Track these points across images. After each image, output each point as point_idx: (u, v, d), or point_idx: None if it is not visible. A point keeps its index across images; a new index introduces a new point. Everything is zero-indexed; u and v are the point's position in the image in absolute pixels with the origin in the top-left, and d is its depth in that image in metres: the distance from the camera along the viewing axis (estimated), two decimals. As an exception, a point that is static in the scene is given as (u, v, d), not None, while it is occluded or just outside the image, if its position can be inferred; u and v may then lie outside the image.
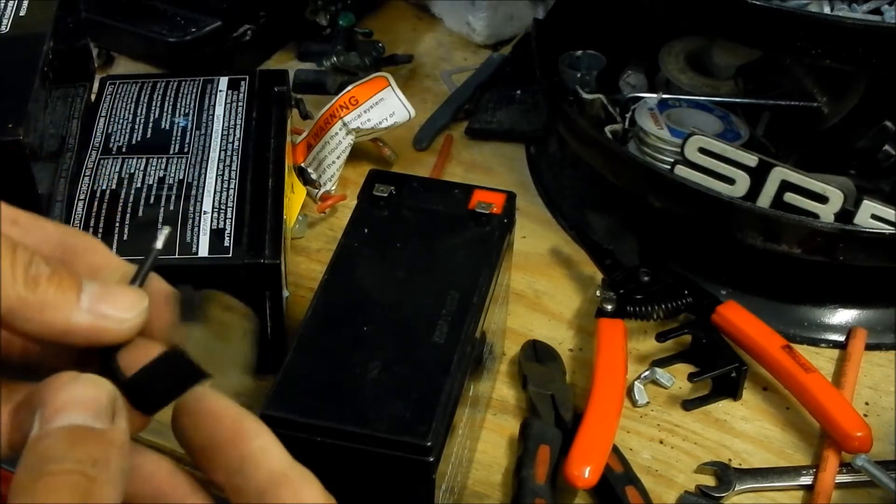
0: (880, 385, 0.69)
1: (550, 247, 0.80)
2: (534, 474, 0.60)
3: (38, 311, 0.32)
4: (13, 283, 0.32)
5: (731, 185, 0.70)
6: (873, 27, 0.63)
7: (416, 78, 0.98)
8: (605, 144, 0.76)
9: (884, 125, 0.74)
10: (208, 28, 0.93)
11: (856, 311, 0.73)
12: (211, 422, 0.33)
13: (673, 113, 0.78)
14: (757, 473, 0.63)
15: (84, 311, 0.33)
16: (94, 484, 0.29)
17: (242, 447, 0.33)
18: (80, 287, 0.33)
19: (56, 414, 0.31)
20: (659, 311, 0.69)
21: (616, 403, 0.63)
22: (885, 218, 0.68)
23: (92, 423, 0.30)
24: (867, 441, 0.62)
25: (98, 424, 0.31)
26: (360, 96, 0.80)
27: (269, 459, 0.33)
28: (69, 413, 0.31)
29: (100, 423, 0.31)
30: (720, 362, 0.67)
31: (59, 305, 0.33)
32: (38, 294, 0.32)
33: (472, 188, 0.63)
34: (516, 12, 1.01)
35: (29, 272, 0.32)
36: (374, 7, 1.06)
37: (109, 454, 0.30)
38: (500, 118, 0.92)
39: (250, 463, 0.32)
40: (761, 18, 0.63)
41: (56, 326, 0.33)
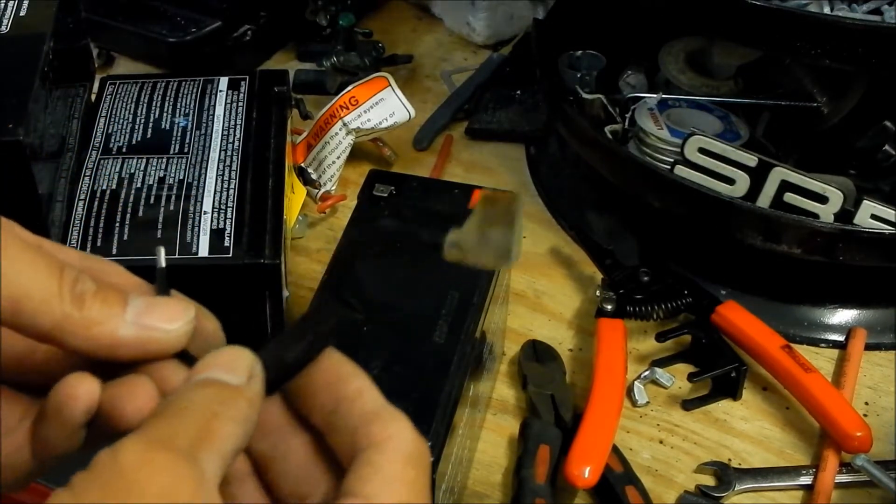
0: (880, 385, 0.69)
1: (550, 247, 0.80)
2: (534, 474, 0.60)
3: (84, 328, 0.34)
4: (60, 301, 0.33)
5: (731, 185, 0.70)
6: (873, 27, 0.63)
7: (416, 78, 0.98)
8: (605, 144, 0.76)
9: (884, 125, 0.74)
10: (208, 28, 0.93)
11: (856, 311, 0.73)
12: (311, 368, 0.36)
13: (673, 113, 0.78)
14: (757, 473, 0.63)
15: (130, 325, 0.34)
16: (218, 419, 0.32)
17: (339, 390, 0.35)
18: (125, 301, 0.35)
19: (197, 373, 0.34)
20: (659, 311, 0.69)
21: (616, 403, 0.63)
22: (885, 218, 0.68)
23: (228, 378, 0.33)
24: (867, 441, 0.62)
25: (234, 381, 0.33)
26: (360, 96, 0.80)
27: (364, 400, 0.35)
28: (210, 370, 0.33)
29: (235, 380, 0.33)
30: (720, 362, 0.67)
31: (106, 320, 0.34)
32: (85, 311, 0.34)
33: (472, 188, 0.63)
34: (516, 12, 1.01)
35: (75, 290, 0.34)
36: (374, 7, 1.06)
37: (239, 401, 0.33)
38: (500, 118, 0.92)
39: (345, 403, 0.35)
40: (761, 18, 0.63)
41: (103, 341, 0.34)
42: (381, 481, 0.33)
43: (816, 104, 0.77)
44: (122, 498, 0.29)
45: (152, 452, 0.30)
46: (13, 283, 0.32)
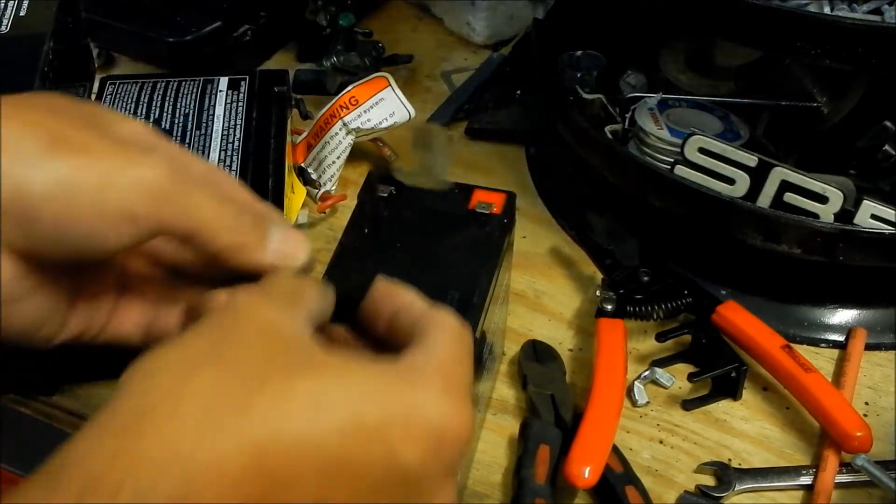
0: (880, 385, 0.69)
1: (550, 247, 0.80)
2: (534, 474, 0.60)
3: (236, 252, 0.43)
4: (224, 231, 0.42)
5: (731, 185, 0.70)
6: (873, 27, 0.63)
7: (416, 78, 0.98)
8: (605, 144, 0.76)
9: (884, 125, 0.74)
10: (208, 28, 0.93)
11: (856, 311, 0.73)
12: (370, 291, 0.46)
13: (673, 113, 0.78)
14: (757, 473, 0.63)
15: (271, 253, 0.44)
16: (305, 292, 0.42)
17: (396, 301, 0.44)
18: (267, 233, 0.44)
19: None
20: (659, 311, 0.69)
21: (616, 403, 0.63)
22: (885, 218, 0.68)
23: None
24: (867, 441, 0.62)
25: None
26: (360, 96, 0.80)
27: (417, 305, 0.44)
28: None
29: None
30: (720, 362, 0.67)
31: (254, 248, 0.44)
32: (241, 239, 0.43)
33: (472, 188, 0.63)
34: (516, 12, 1.01)
35: (237, 222, 0.43)
36: (374, 7, 1.06)
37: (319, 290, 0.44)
38: (500, 118, 0.92)
39: (403, 309, 0.44)
40: (761, 18, 0.63)
41: (249, 266, 0.44)
42: (437, 344, 0.40)
43: (816, 104, 0.77)
44: (236, 323, 0.37)
45: (260, 297, 0.40)
46: (193, 215, 0.41)
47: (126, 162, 0.40)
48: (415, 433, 0.36)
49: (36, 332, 0.43)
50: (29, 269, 0.40)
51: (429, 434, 0.37)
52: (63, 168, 0.38)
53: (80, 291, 0.44)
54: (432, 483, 0.37)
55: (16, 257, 0.40)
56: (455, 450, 0.38)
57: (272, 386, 0.35)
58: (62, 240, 0.39)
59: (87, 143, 0.40)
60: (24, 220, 0.38)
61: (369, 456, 0.35)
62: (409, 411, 0.36)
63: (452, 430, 0.37)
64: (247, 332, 0.37)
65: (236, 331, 0.37)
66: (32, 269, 0.41)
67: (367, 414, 0.35)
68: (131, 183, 0.39)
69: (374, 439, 0.35)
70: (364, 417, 0.35)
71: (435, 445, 0.37)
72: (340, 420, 0.35)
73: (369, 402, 0.36)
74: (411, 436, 0.36)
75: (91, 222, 0.39)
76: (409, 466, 0.36)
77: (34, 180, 0.38)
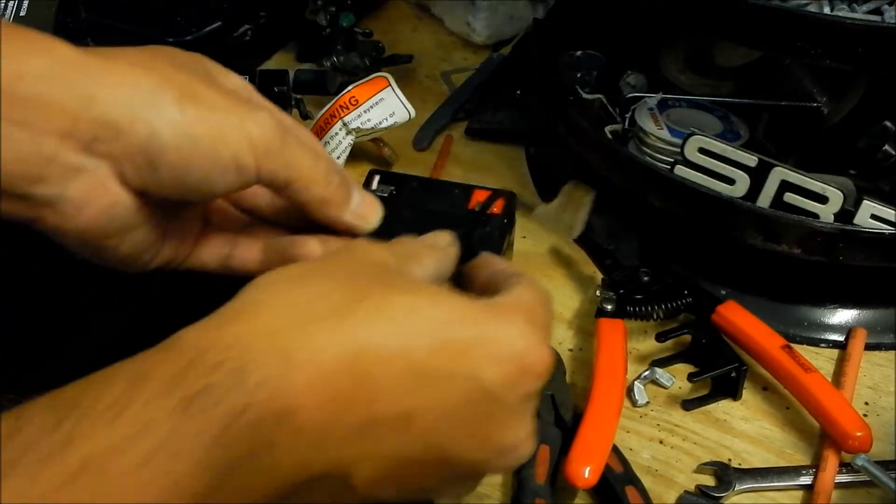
0: (880, 385, 0.69)
1: (550, 247, 0.80)
2: (534, 474, 0.60)
3: (324, 206, 0.49)
4: (316, 184, 0.48)
5: (731, 185, 0.70)
6: (873, 27, 0.63)
7: (416, 78, 0.98)
8: (605, 144, 0.76)
9: (884, 125, 0.74)
10: (208, 28, 0.93)
11: (855, 311, 0.73)
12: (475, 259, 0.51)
13: (673, 113, 0.78)
14: (757, 473, 0.63)
15: (351, 212, 0.50)
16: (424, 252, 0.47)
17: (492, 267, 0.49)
18: (350, 195, 0.50)
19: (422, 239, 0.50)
20: (659, 311, 0.69)
21: (616, 403, 0.63)
22: (885, 218, 0.68)
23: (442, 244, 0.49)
24: (867, 441, 0.62)
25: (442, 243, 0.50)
26: (360, 96, 0.80)
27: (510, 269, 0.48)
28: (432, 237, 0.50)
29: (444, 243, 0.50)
30: (720, 362, 0.67)
31: (339, 205, 0.49)
32: (329, 195, 0.49)
33: (472, 188, 0.63)
34: (516, 12, 1.01)
35: (327, 179, 0.48)
36: (374, 7, 1.06)
37: (449, 252, 0.49)
38: (500, 118, 0.92)
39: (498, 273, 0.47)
40: (761, 18, 0.63)
41: (331, 219, 0.49)
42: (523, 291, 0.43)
43: (816, 104, 0.77)
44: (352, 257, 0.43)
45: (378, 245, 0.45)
46: (292, 168, 0.46)
47: (238, 117, 0.45)
48: (498, 358, 0.39)
49: (138, 258, 0.48)
50: (142, 203, 0.46)
51: (511, 361, 0.39)
52: (188, 119, 0.43)
53: (173, 224, 0.49)
54: (511, 410, 0.40)
55: (135, 193, 0.45)
56: (534, 381, 0.40)
57: (372, 298, 0.38)
58: (178, 182, 0.44)
59: (207, 96, 0.45)
60: (151, 162, 0.43)
61: (454, 372, 0.38)
62: (495, 338, 0.39)
63: (533, 362, 0.40)
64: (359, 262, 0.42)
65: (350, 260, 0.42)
66: (144, 204, 0.46)
67: (457, 335, 0.38)
68: (242, 136, 0.45)
69: (461, 359, 0.38)
70: (454, 337, 0.38)
71: (515, 372, 0.39)
72: (431, 335, 0.38)
73: (459, 324, 0.39)
74: (494, 360, 0.39)
75: (205, 169, 0.44)
76: (489, 387, 0.38)
77: (165, 128, 0.43)
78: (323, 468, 0.36)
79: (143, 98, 0.43)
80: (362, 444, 0.37)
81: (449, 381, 0.38)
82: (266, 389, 0.34)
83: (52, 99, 0.42)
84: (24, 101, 0.41)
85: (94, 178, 0.43)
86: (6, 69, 0.41)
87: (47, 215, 0.44)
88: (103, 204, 0.44)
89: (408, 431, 0.37)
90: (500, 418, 0.40)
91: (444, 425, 0.38)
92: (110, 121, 0.42)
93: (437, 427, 0.38)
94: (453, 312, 0.39)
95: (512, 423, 0.40)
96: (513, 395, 0.39)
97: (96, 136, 0.42)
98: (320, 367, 0.35)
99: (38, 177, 0.42)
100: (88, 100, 0.42)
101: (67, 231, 0.44)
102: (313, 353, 0.36)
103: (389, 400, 0.37)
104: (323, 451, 0.36)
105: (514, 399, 0.40)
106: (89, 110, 0.42)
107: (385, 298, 0.38)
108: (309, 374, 0.35)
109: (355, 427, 0.36)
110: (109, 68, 0.43)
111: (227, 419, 0.33)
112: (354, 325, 0.37)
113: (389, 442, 0.37)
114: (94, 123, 0.42)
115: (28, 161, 0.42)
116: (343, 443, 0.36)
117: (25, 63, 0.41)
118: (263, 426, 0.34)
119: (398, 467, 0.38)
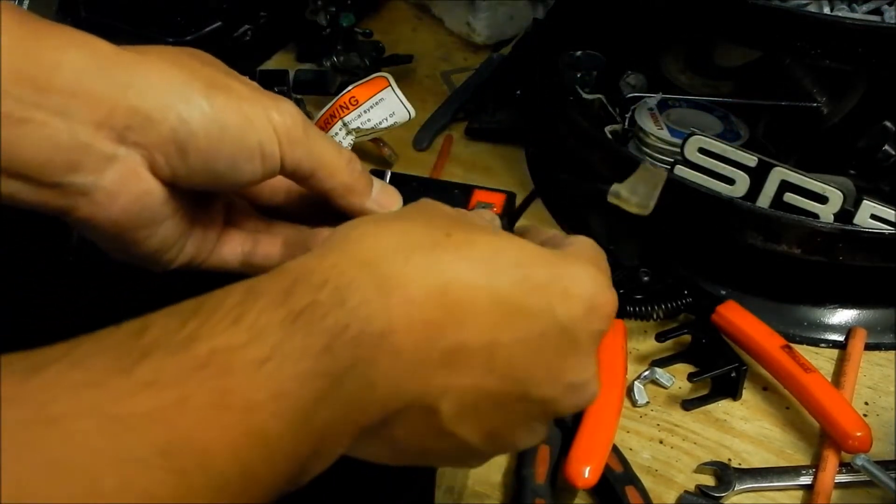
0: (880, 385, 0.70)
1: (550, 247, 0.79)
2: (534, 474, 0.60)
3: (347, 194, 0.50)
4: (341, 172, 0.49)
5: (731, 185, 0.70)
6: (873, 27, 0.63)
7: (416, 78, 0.98)
8: (605, 144, 0.76)
9: (884, 125, 0.74)
10: (208, 28, 0.93)
11: (855, 311, 0.73)
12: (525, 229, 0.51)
13: (673, 113, 0.78)
14: (757, 473, 0.63)
15: (372, 201, 0.51)
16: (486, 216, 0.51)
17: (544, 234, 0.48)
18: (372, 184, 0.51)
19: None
20: (659, 311, 0.69)
21: (616, 403, 0.63)
22: (885, 218, 0.68)
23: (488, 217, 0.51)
24: (867, 441, 0.62)
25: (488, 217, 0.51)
26: (360, 96, 0.80)
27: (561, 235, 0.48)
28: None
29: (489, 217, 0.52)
30: (720, 362, 0.67)
31: (361, 194, 0.50)
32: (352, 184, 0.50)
33: (472, 188, 0.63)
34: (516, 12, 1.01)
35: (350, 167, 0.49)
36: (374, 7, 1.06)
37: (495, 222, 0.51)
38: (500, 118, 0.92)
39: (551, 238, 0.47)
40: (761, 18, 0.63)
41: (354, 207, 0.50)
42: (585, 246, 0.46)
43: (816, 104, 0.77)
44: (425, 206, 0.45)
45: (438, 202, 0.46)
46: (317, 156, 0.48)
47: (262, 107, 0.46)
48: (572, 295, 0.41)
49: (163, 255, 0.49)
50: (171, 195, 0.47)
51: (583, 299, 0.42)
52: (216, 107, 0.45)
53: (199, 219, 0.50)
54: (581, 346, 0.42)
55: (165, 184, 0.46)
56: (603, 320, 0.43)
57: (457, 236, 0.41)
58: (207, 170, 0.45)
59: (233, 87, 0.46)
60: (181, 150, 0.44)
61: (534, 306, 0.40)
62: (569, 278, 0.42)
63: (603, 302, 0.43)
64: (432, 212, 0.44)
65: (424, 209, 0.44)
66: (173, 196, 0.47)
67: (534, 272, 0.41)
68: (267, 124, 0.46)
69: (539, 294, 0.40)
70: (532, 274, 0.41)
71: (587, 309, 0.42)
72: (512, 273, 0.40)
73: (537, 264, 0.41)
74: (570, 297, 0.41)
75: (232, 157, 0.45)
76: (565, 322, 0.41)
77: (194, 117, 0.44)
78: (413, 396, 0.38)
79: (173, 88, 0.44)
80: (450, 372, 0.39)
81: (528, 314, 0.40)
82: (365, 310, 0.36)
83: (88, 89, 0.43)
84: (62, 90, 0.42)
85: (127, 167, 0.45)
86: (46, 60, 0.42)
87: (81, 205, 0.45)
88: (136, 193, 0.45)
89: (491, 362, 0.39)
90: (572, 353, 0.42)
91: (522, 357, 0.40)
92: (142, 110, 0.44)
93: (516, 359, 0.40)
94: (531, 254, 0.42)
95: (582, 359, 0.42)
96: (584, 332, 0.42)
97: (129, 125, 0.44)
98: (413, 294, 0.38)
99: (75, 165, 0.43)
100: (122, 90, 0.43)
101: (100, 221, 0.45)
102: (407, 280, 0.38)
103: (476, 329, 0.39)
104: (415, 377, 0.38)
105: (584, 336, 0.42)
106: (123, 100, 0.43)
107: (468, 237, 0.41)
108: (403, 299, 0.37)
109: (445, 353, 0.38)
110: (141, 61, 0.45)
111: (332, 332, 0.35)
112: (442, 258, 0.39)
113: (474, 372, 0.39)
114: (127, 113, 0.43)
115: (65, 149, 0.43)
116: (433, 370, 0.38)
117: (64, 54, 0.43)
118: (365, 342, 0.36)
119: (480, 400, 0.40)
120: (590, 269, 0.43)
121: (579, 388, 0.43)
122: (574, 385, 0.43)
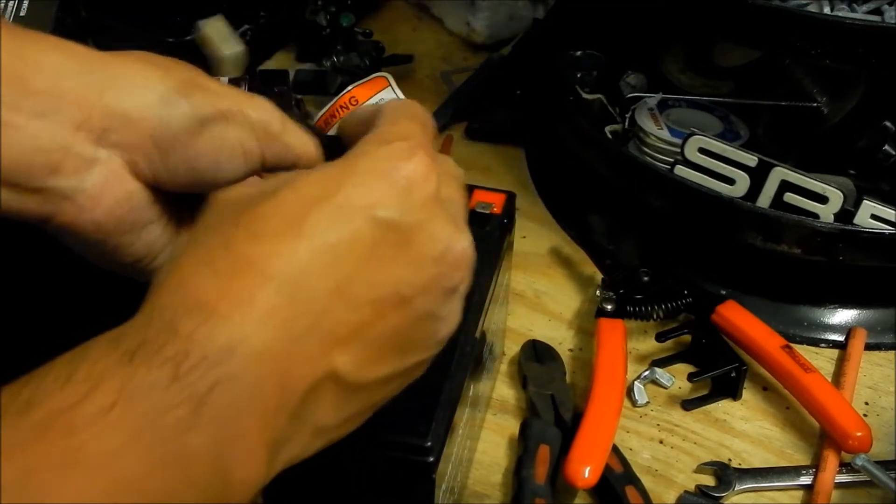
0: (880, 385, 0.70)
1: (550, 247, 0.80)
2: (534, 474, 0.60)
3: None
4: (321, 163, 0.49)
5: (731, 185, 0.70)
6: (873, 27, 0.63)
7: (416, 78, 0.98)
8: (605, 144, 0.76)
9: (884, 125, 0.74)
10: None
11: (855, 311, 0.73)
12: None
13: (673, 113, 0.78)
14: (757, 473, 0.63)
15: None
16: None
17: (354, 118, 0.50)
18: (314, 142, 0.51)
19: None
20: (659, 311, 0.69)
21: (616, 403, 0.63)
22: (885, 218, 0.68)
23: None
24: (867, 441, 0.62)
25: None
26: (360, 96, 0.79)
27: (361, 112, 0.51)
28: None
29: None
30: (720, 362, 0.67)
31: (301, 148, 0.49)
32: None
33: (472, 188, 0.63)
34: (516, 12, 1.01)
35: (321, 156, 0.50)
36: (374, 7, 1.06)
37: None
38: (500, 118, 0.92)
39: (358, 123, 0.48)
40: (761, 18, 0.63)
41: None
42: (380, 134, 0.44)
43: (816, 104, 0.77)
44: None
45: None
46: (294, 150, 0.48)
47: (240, 104, 0.46)
48: (373, 204, 0.40)
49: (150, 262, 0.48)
50: (155, 197, 0.46)
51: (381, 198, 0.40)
52: (195, 105, 0.45)
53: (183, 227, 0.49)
54: (413, 225, 0.41)
55: (148, 186, 0.46)
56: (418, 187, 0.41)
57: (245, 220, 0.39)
58: (188, 170, 0.45)
59: (209, 85, 0.46)
60: (161, 150, 0.45)
61: (346, 232, 0.39)
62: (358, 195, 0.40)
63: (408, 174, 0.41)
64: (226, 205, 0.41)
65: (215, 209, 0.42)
66: (157, 199, 0.47)
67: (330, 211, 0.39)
68: (244, 120, 0.46)
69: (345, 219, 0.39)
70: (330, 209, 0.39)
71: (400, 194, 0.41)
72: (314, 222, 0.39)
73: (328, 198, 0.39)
74: (374, 206, 0.40)
75: (213, 155, 0.45)
76: (382, 221, 0.40)
77: (172, 116, 0.44)
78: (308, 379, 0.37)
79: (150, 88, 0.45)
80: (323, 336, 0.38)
81: (349, 242, 0.39)
82: (202, 331, 0.35)
83: (66, 90, 0.43)
84: (42, 92, 0.42)
85: (109, 169, 0.45)
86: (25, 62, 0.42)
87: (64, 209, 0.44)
88: (119, 195, 0.45)
89: (349, 302, 0.38)
90: (414, 233, 0.41)
91: (368, 275, 0.39)
92: (120, 110, 0.44)
93: (367, 281, 0.39)
94: (317, 195, 0.40)
95: (424, 234, 0.41)
96: (407, 214, 0.40)
97: (108, 126, 0.44)
98: (243, 294, 0.36)
99: (56, 167, 0.43)
100: (99, 91, 0.44)
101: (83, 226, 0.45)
102: (225, 287, 0.36)
103: (317, 283, 0.38)
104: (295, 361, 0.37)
105: (409, 218, 0.40)
106: (100, 101, 0.44)
107: (255, 215, 0.39)
108: (236, 305, 0.36)
109: (308, 325, 0.37)
110: (118, 63, 0.45)
111: (175, 361, 0.34)
112: (246, 251, 0.38)
113: (342, 320, 0.38)
114: (105, 113, 0.44)
115: (46, 151, 0.43)
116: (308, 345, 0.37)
117: (42, 57, 0.43)
118: (217, 359, 0.35)
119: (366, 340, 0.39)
120: (369, 177, 0.41)
121: (440, 257, 0.41)
122: (436, 256, 0.41)
